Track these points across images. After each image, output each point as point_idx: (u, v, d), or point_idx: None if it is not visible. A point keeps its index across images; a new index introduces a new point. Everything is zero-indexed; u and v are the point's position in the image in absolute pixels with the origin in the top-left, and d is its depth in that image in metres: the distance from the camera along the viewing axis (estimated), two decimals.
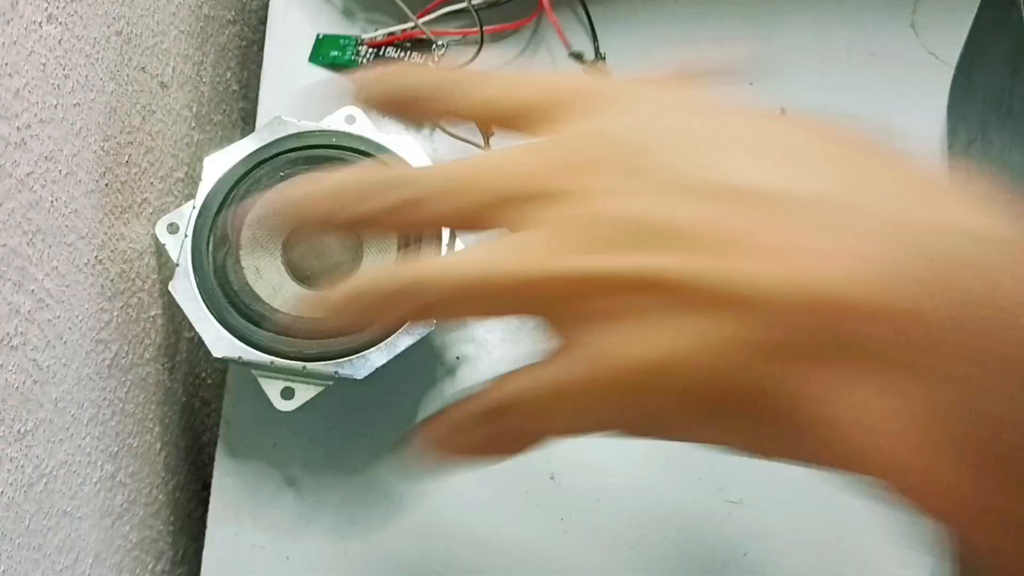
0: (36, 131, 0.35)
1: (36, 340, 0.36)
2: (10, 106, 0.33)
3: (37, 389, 0.36)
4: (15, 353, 0.35)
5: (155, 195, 0.49)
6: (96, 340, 0.42)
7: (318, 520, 0.49)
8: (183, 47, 0.52)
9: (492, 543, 0.49)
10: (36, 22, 0.35)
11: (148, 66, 0.47)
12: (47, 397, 0.37)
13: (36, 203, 0.35)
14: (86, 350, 0.41)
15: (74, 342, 0.40)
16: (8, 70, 0.33)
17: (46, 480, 0.38)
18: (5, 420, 0.34)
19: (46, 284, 0.37)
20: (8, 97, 0.33)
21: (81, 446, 0.41)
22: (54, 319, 0.38)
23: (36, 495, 0.37)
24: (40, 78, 0.35)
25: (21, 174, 0.34)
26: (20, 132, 0.34)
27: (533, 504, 0.49)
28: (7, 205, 0.33)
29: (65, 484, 0.39)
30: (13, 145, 0.33)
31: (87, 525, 0.42)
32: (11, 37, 0.33)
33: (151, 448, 0.49)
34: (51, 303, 0.37)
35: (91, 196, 0.41)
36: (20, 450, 0.35)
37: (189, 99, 0.53)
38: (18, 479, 0.35)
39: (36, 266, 0.36)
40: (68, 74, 0.38)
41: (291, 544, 0.49)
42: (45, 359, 0.37)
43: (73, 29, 0.38)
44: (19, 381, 0.35)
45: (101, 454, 0.43)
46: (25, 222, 0.35)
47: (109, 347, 0.43)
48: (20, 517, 0.36)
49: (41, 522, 0.37)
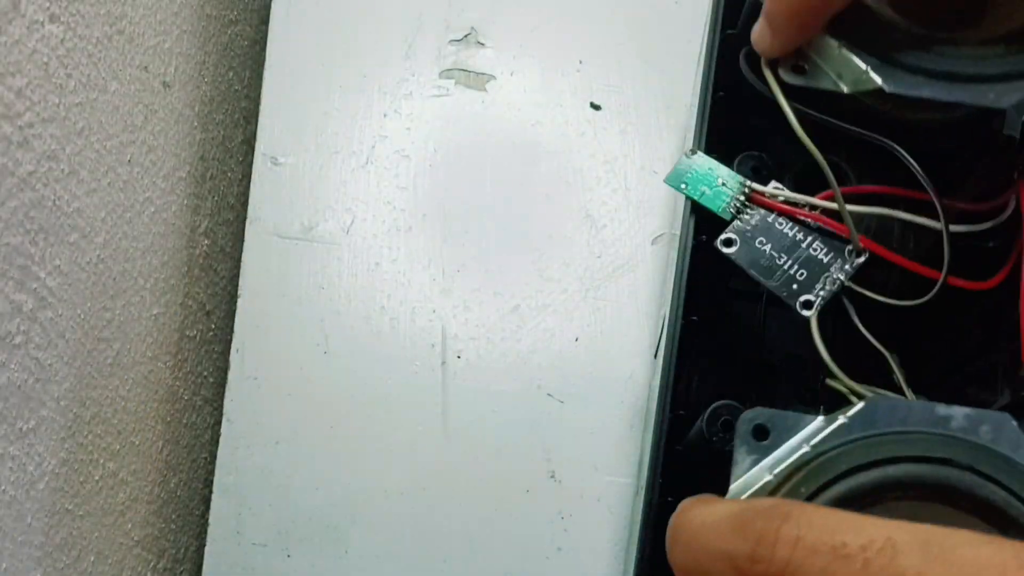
0: (38, 130, 0.35)
1: (38, 338, 0.36)
2: (12, 105, 0.33)
3: (39, 387, 0.37)
4: (17, 351, 0.35)
5: (157, 194, 0.49)
6: (98, 339, 0.42)
7: (319, 518, 0.49)
8: (185, 46, 0.52)
9: (492, 542, 0.49)
10: (39, 21, 0.35)
11: (150, 65, 0.47)
12: (49, 395, 0.37)
13: (38, 202, 0.36)
14: (88, 348, 0.41)
15: (76, 340, 0.40)
16: (11, 69, 0.33)
17: (48, 478, 0.38)
18: (7, 418, 0.34)
19: (48, 283, 0.37)
20: (11, 96, 0.33)
21: (83, 444, 0.41)
22: (56, 317, 0.38)
23: (38, 493, 0.37)
24: (42, 77, 0.35)
25: (23, 173, 0.34)
26: (22, 131, 0.34)
27: (533, 503, 0.49)
28: (9, 204, 0.33)
29: (67, 482, 0.40)
30: (15, 144, 0.33)
31: (89, 523, 0.42)
32: (13, 36, 0.33)
33: (153, 446, 0.49)
34: (53, 301, 0.37)
35: (93, 195, 0.41)
36: (22, 448, 0.35)
37: (191, 98, 0.53)
38: (20, 477, 0.35)
39: (38, 265, 0.36)
40: (70, 73, 0.38)
41: (292, 542, 0.49)
42: (47, 357, 0.37)
43: (75, 28, 0.38)
44: (21, 379, 0.35)
45: (103, 452, 0.43)
46: (27, 221, 0.35)
47: (111, 345, 0.43)
48: (22, 515, 0.36)
49: (43, 520, 0.38)
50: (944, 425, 0.27)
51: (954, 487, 0.25)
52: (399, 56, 0.55)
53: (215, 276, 0.57)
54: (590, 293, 0.52)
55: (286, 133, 0.54)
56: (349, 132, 0.54)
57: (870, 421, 0.27)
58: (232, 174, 0.60)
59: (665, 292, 0.50)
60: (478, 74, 0.55)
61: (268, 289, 0.52)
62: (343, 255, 0.53)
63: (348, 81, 0.55)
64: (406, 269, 0.52)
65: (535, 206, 0.53)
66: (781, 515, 0.21)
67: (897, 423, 0.27)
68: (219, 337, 0.58)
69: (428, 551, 0.49)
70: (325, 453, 0.50)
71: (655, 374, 0.49)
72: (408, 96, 0.54)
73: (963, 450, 0.26)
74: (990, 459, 0.26)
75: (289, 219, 0.53)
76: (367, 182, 0.53)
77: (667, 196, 0.52)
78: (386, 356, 0.51)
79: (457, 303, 0.52)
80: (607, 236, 0.53)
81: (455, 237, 0.53)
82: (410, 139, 0.54)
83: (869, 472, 0.26)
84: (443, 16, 0.55)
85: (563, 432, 0.50)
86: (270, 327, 0.52)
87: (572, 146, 0.53)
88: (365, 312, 0.52)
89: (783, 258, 0.38)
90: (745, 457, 0.28)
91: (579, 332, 0.52)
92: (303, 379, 0.51)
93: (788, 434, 0.28)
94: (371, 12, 0.56)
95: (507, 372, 0.51)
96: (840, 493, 0.26)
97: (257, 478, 0.50)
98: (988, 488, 0.25)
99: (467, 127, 0.54)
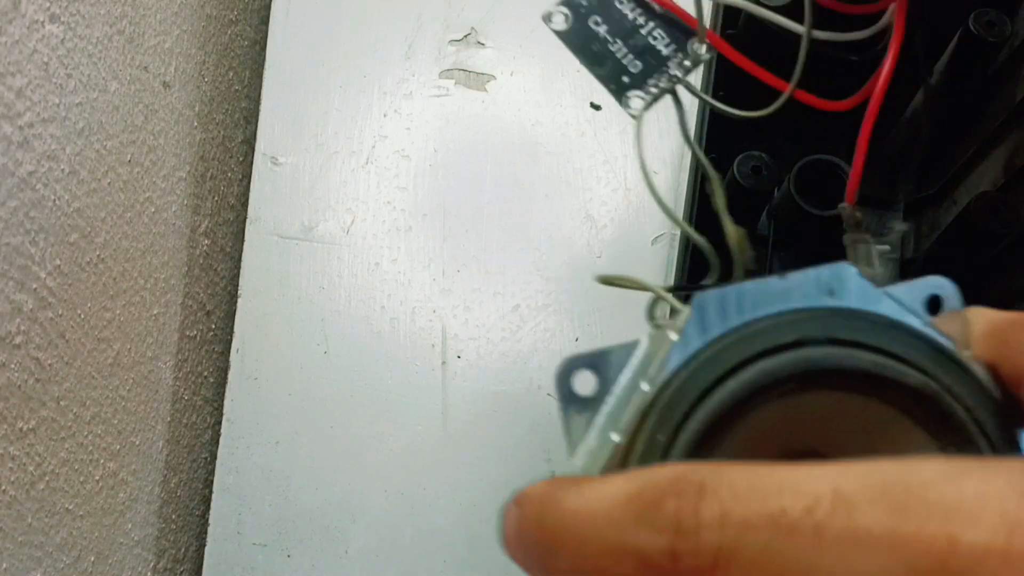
0: (39, 130, 0.35)
1: (38, 339, 0.36)
2: (13, 105, 0.33)
3: (39, 387, 0.37)
4: (17, 351, 0.35)
5: (157, 194, 0.49)
6: (98, 338, 0.42)
7: (319, 518, 0.49)
8: (185, 46, 0.52)
9: (492, 542, 0.49)
10: (39, 21, 0.35)
11: (150, 65, 0.47)
12: (49, 395, 0.37)
13: (39, 202, 0.36)
14: (88, 348, 0.41)
15: (76, 340, 0.40)
16: (11, 69, 0.33)
17: (48, 478, 0.38)
18: (7, 418, 0.34)
19: (48, 283, 0.37)
20: (11, 96, 0.33)
21: (83, 444, 0.41)
22: (56, 317, 0.38)
23: (38, 493, 0.37)
24: (43, 77, 0.35)
25: (24, 173, 0.34)
26: (23, 131, 0.34)
27: None
28: (9, 204, 0.33)
29: (67, 482, 0.40)
30: (16, 144, 0.33)
31: (89, 523, 0.42)
32: (13, 36, 0.33)
33: (153, 446, 0.49)
34: (53, 302, 0.37)
35: (93, 195, 0.41)
36: (22, 448, 0.35)
37: (191, 98, 0.53)
38: (20, 477, 0.35)
39: (38, 265, 0.36)
40: (71, 73, 0.38)
41: (292, 542, 0.49)
42: (47, 357, 0.37)
43: (76, 28, 0.38)
44: (21, 379, 0.35)
45: (103, 452, 0.43)
46: (28, 221, 0.35)
47: (111, 345, 0.43)
48: (22, 515, 0.36)
49: (43, 520, 0.38)
50: (784, 300, 0.22)
51: (820, 368, 0.21)
52: (399, 56, 0.55)
53: (215, 276, 0.57)
54: (590, 293, 0.52)
55: (286, 133, 0.54)
56: (349, 132, 0.54)
57: (703, 327, 0.22)
58: (232, 174, 0.60)
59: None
60: (478, 74, 0.55)
61: (268, 289, 0.52)
62: (343, 255, 0.53)
63: (348, 81, 0.55)
64: (406, 269, 0.52)
65: (535, 206, 0.53)
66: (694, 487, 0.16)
67: (734, 317, 0.22)
68: (219, 337, 0.58)
69: (428, 551, 0.49)
70: (325, 453, 0.50)
71: None
72: (408, 96, 0.54)
73: (813, 323, 0.21)
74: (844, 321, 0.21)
75: (289, 219, 0.53)
76: (367, 182, 0.54)
77: (667, 196, 0.53)
78: (386, 356, 0.51)
79: (457, 303, 0.52)
80: (607, 236, 0.53)
81: (455, 237, 0.53)
82: (410, 139, 0.54)
83: (724, 387, 0.21)
84: (443, 16, 0.55)
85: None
86: (270, 327, 0.52)
87: (572, 146, 0.53)
88: (365, 312, 0.52)
89: (617, 43, 0.33)
90: (575, 418, 0.23)
91: (579, 332, 0.52)
92: (303, 379, 0.51)
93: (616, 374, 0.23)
94: (371, 12, 0.56)
95: (507, 372, 0.51)
96: (701, 425, 0.21)
97: (257, 478, 0.50)
98: (854, 356, 0.21)
99: (467, 127, 0.54)
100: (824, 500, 0.15)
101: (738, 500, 0.16)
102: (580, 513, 0.17)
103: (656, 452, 0.20)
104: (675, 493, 0.16)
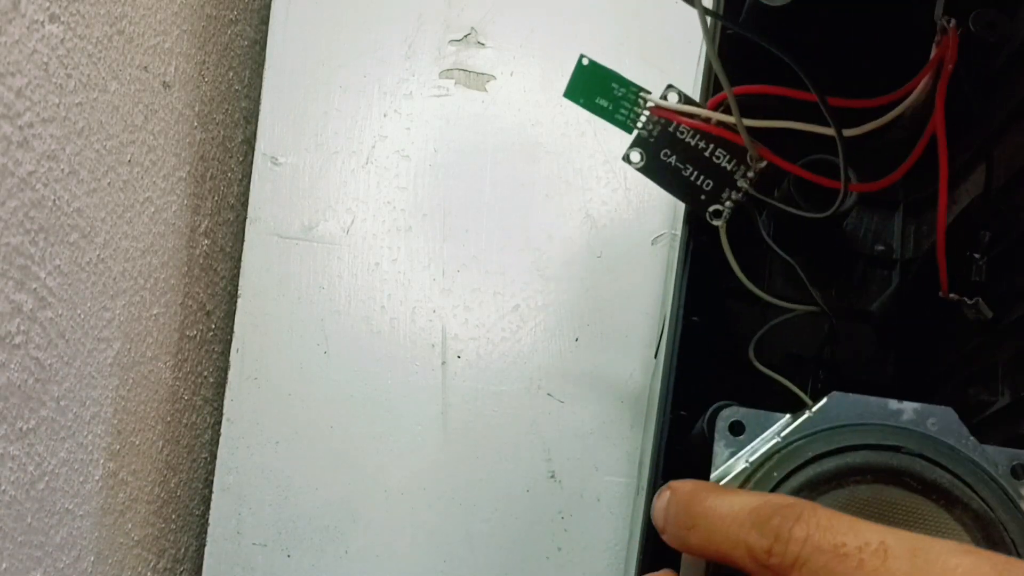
0: (38, 130, 0.35)
1: (38, 338, 0.36)
2: (12, 105, 0.33)
3: (39, 387, 0.37)
4: (17, 351, 0.35)
5: (157, 194, 0.49)
6: (98, 338, 0.42)
7: (319, 518, 0.49)
8: (185, 46, 0.52)
9: (492, 541, 0.49)
10: (39, 21, 0.35)
11: (150, 65, 0.47)
12: (49, 395, 0.37)
13: (38, 202, 0.36)
14: (88, 348, 0.41)
15: (76, 340, 0.40)
16: (11, 69, 0.33)
17: (48, 478, 0.38)
18: (7, 418, 0.34)
19: (48, 283, 0.37)
20: (11, 96, 0.33)
21: (83, 444, 0.41)
22: (56, 317, 0.38)
23: (38, 493, 0.37)
24: (42, 77, 0.35)
25: (23, 173, 0.34)
26: (23, 131, 0.34)
27: (533, 503, 0.49)
28: (9, 204, 0.33)
29: (67, 482, 0.40)
30: (16, 144, 0.33)
31: (89, 523, 0.42)
32: (13, 36, 0.33)
33: (153, 446, 0.49)
34: (53, 301, 0.37)
35: (93, 195, 0.41)
36: (22, 448, 0.35)
37: (191, 98, 0.53)
38: (20, 477, 0.35)
39: (38, 265, 0.36)
40: (70, 73, 0.38)
41: (292, 542, 0.49)
42: (47, 357, 0.37)
43: (75, 28, 0.38)
44: (21, 379, 0.35)
45: (103, 452, 0.43)
46: (27, 221, 0.35)
47: (111, 345, 0.43)
48: (22, 515, 0.36)
49: (43, 520, 0.38)
50: (896, 418, 0.30)
51: (906, 471, 0.29)
52: (399, 56, 0.55)
53: (215, 276, 0.57)
54: (590, 293, 0.52)
55: (286, 133, 0.54)
56: (349, 132, 0.54)
57: (832, 415, 0.30)
58: (232, 174, 0.60)
59: (665, 292, 0.50)
60: (478, 74, 0.55)
61: (268, 289, 0.52)
62: (343, 255, 0.53)
63: (348, 81, 0.55)
64: (406, 269, 0.52)
65: (535, 206, 0.53)
66: (795, 514, 0.24)
67: (855, 417, 0.30)
68: (219, 337, 0.58)
69: (428, 551, 0.49)
70: (325, 453, 0.50)
71: (655, 374, 0.49)
72: (408, 96, 0.54)
73: (913, 439, 0.29)
74: (936, 447, 0.29)
75: (289, 219, 0.53)
76: (367, 182, 0.54)
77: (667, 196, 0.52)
78: (386, 356, 0.51)
79: (457, 303, 0.52)
80: (607, 236, 0.53)
81: (455, 237, 0.53)
82: (410, 139, 0.54)
83: (832, 458, 0.29)
84: (443, 16, 0.55)
85: (563, 432, 0.50)
86: (270, 327, 0.52)
87: (572, 146, 0.53)
88: (365, 312, 0.52)
89: (688, 168, 0.37)
90: (723, 450, 0.31)
91: (579, 332, 0.52)
92: (303, 379, 0.51)
93: (761, 429, 0.31)
94: (371, 12, 0.56)
95: (507, 372, 0.51)
96: (808, 477, 0.29)
97: (257, 478, 0.50)
98: (936, 472, 0.29)
99: (467, 127, 0.54)
100: (872, 545, 0.23)
101: (819, 530, 0.24)
102: (717, 509, 0.26)
103: (769, 483, 0.29)
104: (781, 514, 0.25)
